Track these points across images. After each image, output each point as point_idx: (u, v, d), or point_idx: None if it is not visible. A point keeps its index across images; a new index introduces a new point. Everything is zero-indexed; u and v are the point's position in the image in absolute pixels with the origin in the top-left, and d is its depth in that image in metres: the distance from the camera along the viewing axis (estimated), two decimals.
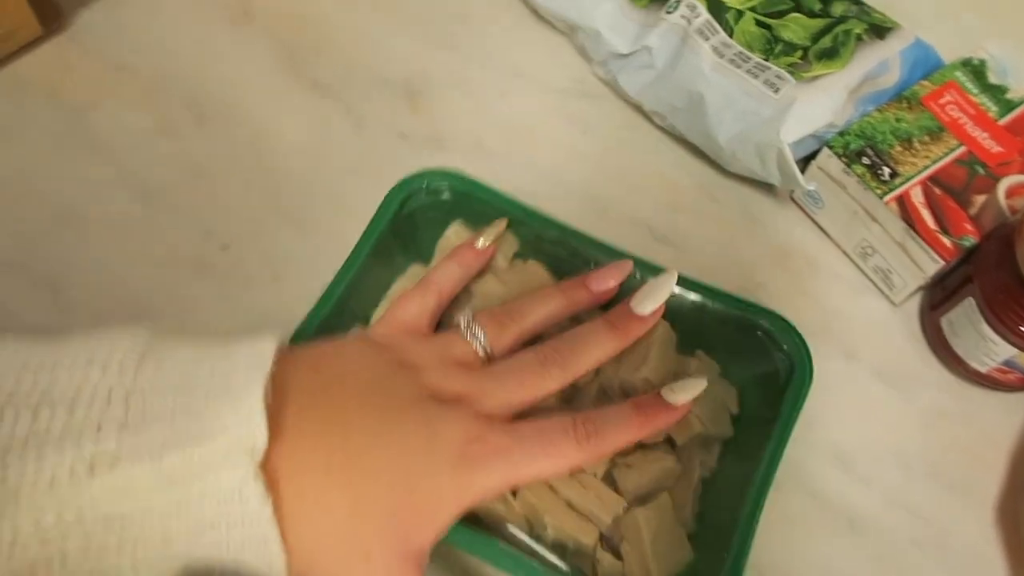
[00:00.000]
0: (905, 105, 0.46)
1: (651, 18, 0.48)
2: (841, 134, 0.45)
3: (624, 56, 0.49)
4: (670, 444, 0.39)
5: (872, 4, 0.50)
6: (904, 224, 0.43)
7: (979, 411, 0.45)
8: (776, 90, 0.44)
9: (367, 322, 0.41)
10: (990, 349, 0.42)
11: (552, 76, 0.55)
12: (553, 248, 0.42)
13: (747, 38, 0.46)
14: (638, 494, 0.37)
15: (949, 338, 0.44)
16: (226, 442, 0.22)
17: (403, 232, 0.43)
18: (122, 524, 0.21)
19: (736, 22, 0.46)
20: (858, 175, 0.44)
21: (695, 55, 0.46)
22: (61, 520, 0.20)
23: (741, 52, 0.45)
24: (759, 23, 0.46)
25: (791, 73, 0.44)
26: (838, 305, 0.47)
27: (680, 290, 0.40)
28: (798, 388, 0.38)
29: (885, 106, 0.46)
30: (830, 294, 0.48)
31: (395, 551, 0.27)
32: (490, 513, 0.35)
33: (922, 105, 0.46)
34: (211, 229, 0.48)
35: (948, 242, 0.42)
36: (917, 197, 0.44)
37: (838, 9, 0.47)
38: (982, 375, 0.44)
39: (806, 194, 0.48)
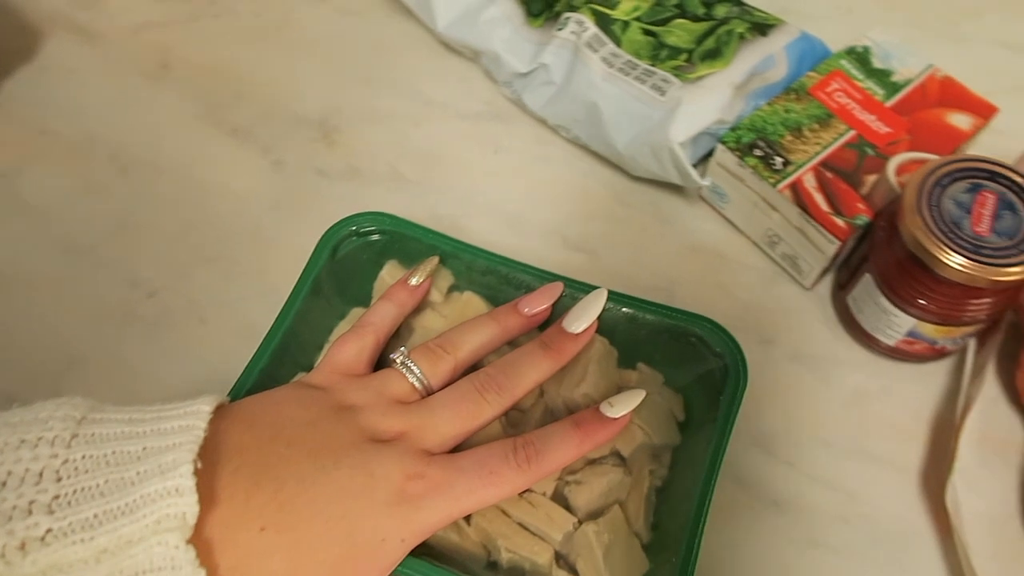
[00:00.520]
0: (793, 96, 0.47)
1: (545, 36, 0.49)
2: (733, 129, 0.45)
3: (524, 75, 0.50)
4: (618, 456, 0.39)
5: (767, 2, 0.51)
6: (799, 209, 0.43)
7: (895, 384, 0.45)
8: (663, 93, 0.44)
9: (310, 369, 0.40)
10: (892, 322, 0.42)
11: (463, 101, 0.55)
12: (485, 278, 0.42)
13: (635, 47, 0.46)
14: (590, 509, 0.36)
15: (856, 315, 0.44)
16: (156, 516, 0.23)
17: (338, 277, 0.42)
18: None
19: (623, 32, 0.47)
20: (752, 166, 0.45)
21: (587, 67, 0.46)
22: None
23: (629, 60, 0.46)
24: (645, 31, 0.47)
25: (676, 76, 0.45)
26: (752, 295, 0.48)
27: (613, 305, 0.40)
28: (733, 390, 0.38)
29: (774, 99, 0.47)
30: (744, 285, 0.48)
31: None
32: (444, 542, 0.35)
33: (810, 95, 0.47)
34: (138, 279, 0.48)
35: (842, 222, 0.43)
36: (810, 182, 0.44)
37: (720, 11, 0.48)
38: (892, 348, 0.44)
39: (710, 189, 0.48)
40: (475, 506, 0.31)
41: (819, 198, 0.43)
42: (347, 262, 0.43)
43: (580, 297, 0.39)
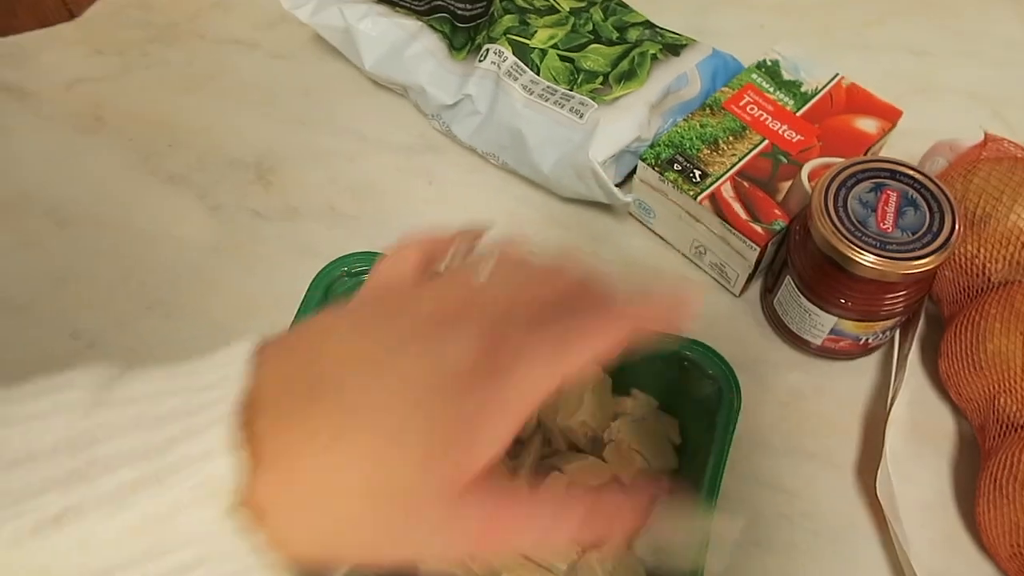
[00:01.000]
0: (708, 112, 0.47)
1: (468, 68, 0.49)
2: (652, 146, 0.46)
3: (451, 107, 0.50)
4: (619, 483, 0.38)
5: (684, 24, 0.52)
6: (720, 219, 0.44)
7: (827, 382, 0.46)
8: (581, 116, 0.45)
9: None
10: (815, 321, 0.42)
11: (396, 135, 0.55)
12: None
13: (553, 73, 0.47)
14: None
15: (783, 317, 0.45)
16: (190, 483, 0.19)
17: None
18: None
19: (541, 60, 0.47)
20: (672, 181, 0.45)
21: (508, 96, 0.47)
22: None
23: (548, 86, 0.46)
24: (562, 58, 0.47)
25: (593, 98, 0.45)
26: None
27: None
28: (727, 412, 0.37)
29: (690, 115, 0.47)
30: None
31: (436, 497, 0.21)
32: None
33: (724, 109, 0.48)
34: (78, 330, 0.47)
35: (760, 229, 0.43)
36: (728, 192, 0.45)
37: (633, 35, 0.49)
38: (820, 348, 0.44)
39: (637, 206, 0.49)
40: (574, 372, 0.24)
41: (737, 207, 0.44)
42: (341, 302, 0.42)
43: None
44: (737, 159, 0.46)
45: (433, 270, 0.28)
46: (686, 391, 0.40)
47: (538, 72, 0.47)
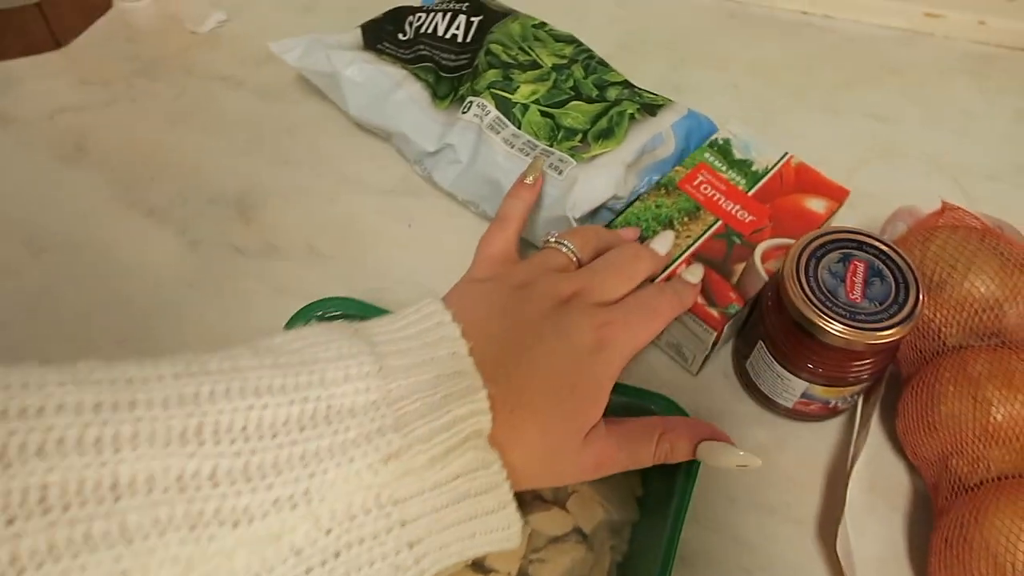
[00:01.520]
0: (663, 191, 0.46)
1: (451, 118, 0.50)
2: (608, 225, 0.45)
3: (433, 154, 0.50)
4: (580, 534, 0.38)
5: (660, 79, 0.53)
6: None
7: (794, 441, 0.46)
8: (560, 172, 0.45)
9: None
10: (787, 385, 0.43)
11: (377, 178, 0.55)
12: None
13: (534, 128, 0.47)
14: None
15: (755, 380, 0.45)
16: (466, 432, 0.27)
17: None
18: (404, 505, 0.26)
19: (523, 115, 0.48)
20: None
21: (489, 148, 0.47)
22: (365, 505, 0.24)
23: (529, 141, 0.47)
24: (543, 113, 0.48)
25: (572, 155, 0.46)
26: (654, 367, 0.48)
27: None
28: (687, 472, 0.37)
29: (645, 195, 0.46)
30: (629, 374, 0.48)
31: (575, 442, 0.31)
32: None
33: (679, 189, 0.47)
34: (46, 361, 0.46)
35: (716, 312, 0.43)
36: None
37: (612, 94, 0.49)
38: (791, 410, 0.45)
39: None
40: (647, 338, 0.35)
41: None
42: None
43: None
44: (692, 240, 0.45)
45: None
46: None
47: (519, 126, 0.48)
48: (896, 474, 0.45)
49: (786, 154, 0.50)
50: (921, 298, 0.39)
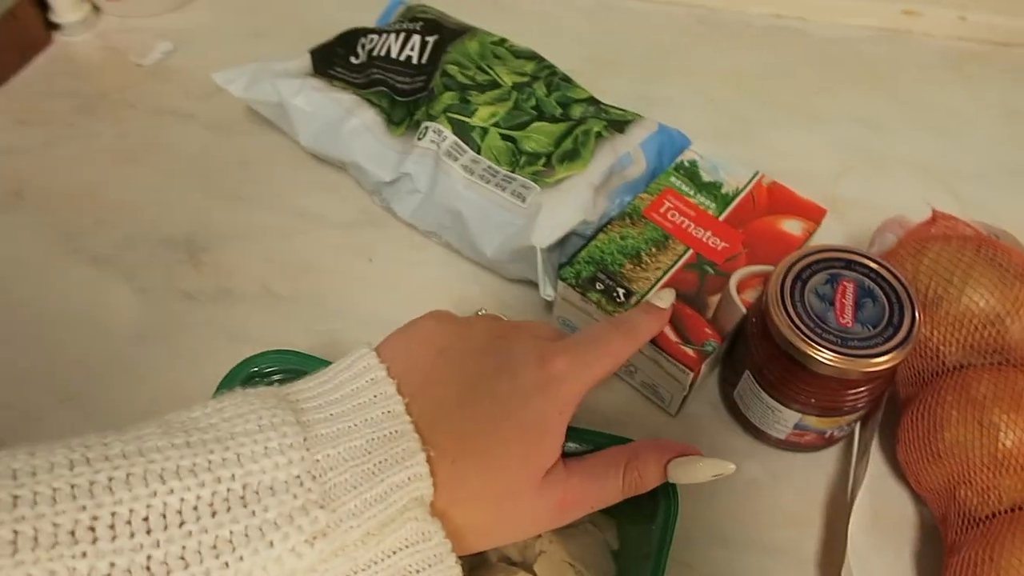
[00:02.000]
0: (628, 221, 0.43)
1: (408, 145, 0.47)
2: (571, 263, 0.42)
3: (390, 184, 0.48)
4: None
5: (631, 92, 0.50)
6: (648, 342, 0.40)
7: (789, 474, 0.43)
8: (523, 200, 0.42)
9: None
10: (778, 417, 0.40)
11: (336, 211, 0.52)
12: None
13: (494, 152, 0.44)
14: None
15: (744, 411, 0.42)
16: (404, 501, 0.25)
17: None
18: None
19: (482, 139, 0.45)
20: (595, 302, 0.41)
21: (448, 176, 0.44)
22: None
23: (489, 167, 0.44)
24: (504, 137, 0.45)
25: (536, 180, 0.43)
26: (630, 410, 0.45)
27: None
28: (665, 516, 0.34)
29: (610, 226, 0.43)
30: (601, 419, 0.45)
31: (531, 488, 0.28)
32: None
33: (644, 217, 0.44)
34: None
35: (691, 351, 0.40)
36: None
37: (576, 111, 0.47)
38: (783, 441, 0.42)
39: (561, 323, 0.45)
40: (601, 373, 0.31)
41: (666, 328, 0.40)
42: None
43: None
44: (662, 273, 0.42)
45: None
46: None
47: (479, 151, 0.45)
48: (900, 505, 0.42)
49: (757, 173, 0.46)
50: (917, 317, 0.36)
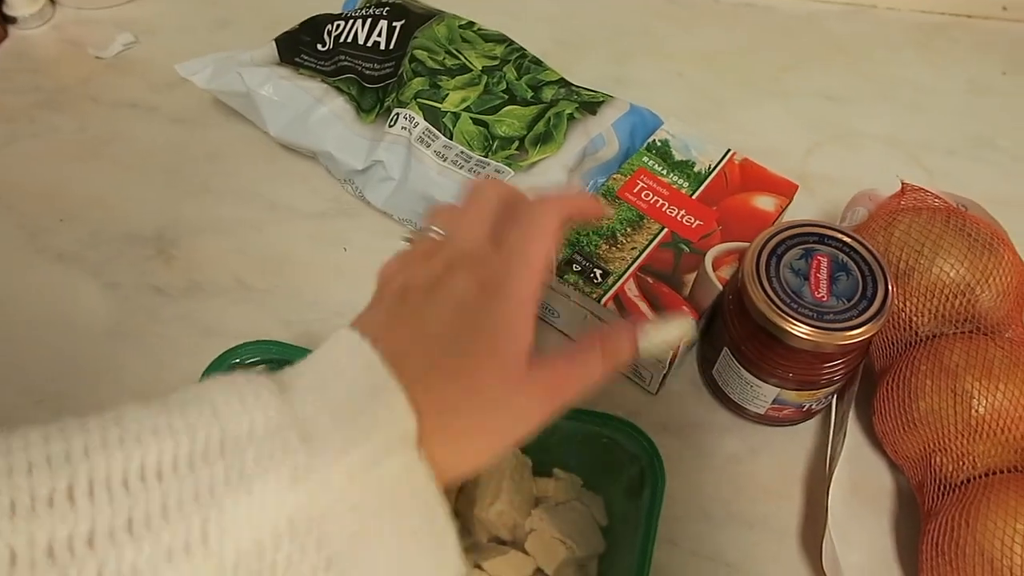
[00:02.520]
0: (603, 202, 0.44)
1: (379, 133, 0.47)
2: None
3: (362, 172, 0.47)
4: (542, 575, 0.35)
5: (601, 74, 0.50)
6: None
7: (768, 448, 0.43)
8: None
9: None
10: (757, 392, 0.41)
11: (308, 201, 0.52)
12: None
13: (466, 137, 0.44)
14: None
15: (723, 387, 0.43)
16: (385, 437, 0.24)
17: None
18: (321, 522, 0.23)
19: (454, 124, 0.45)
20: (573, 283, 0.41)
21: (420, 163, 0.44)
22: (275, 532, 0.22)
23: (462, 152, 0.44)
24: (476, 121, 0.45)
25: (509, 164, 0.43)
26: (612, 389, 0.45)
27: None
28: (652, 491, 0.34)
29: None
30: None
31: (510, 378, 0.28)
32: None
33: (618, 198, 0.44)
34: None
35: None
36: (632, 291, 0.41)
37: (548, 94, 0.47)
38: (763, 416, 0.43)
39: (542, 307, 0.45)
40: (540, 249, 0.30)
41: (644, 307, 0.41)
42: None
43: None
44: (638, 252, 0.42)
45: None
46: (610, 468, 0.37)
47: (451, 137, 0.45)
48: (878, 474, 0.43)
49: (728, 151, 0.47)
50: (890, 289, 0.37)
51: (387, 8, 0.51)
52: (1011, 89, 0.60)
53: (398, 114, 0.45)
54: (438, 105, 0.46)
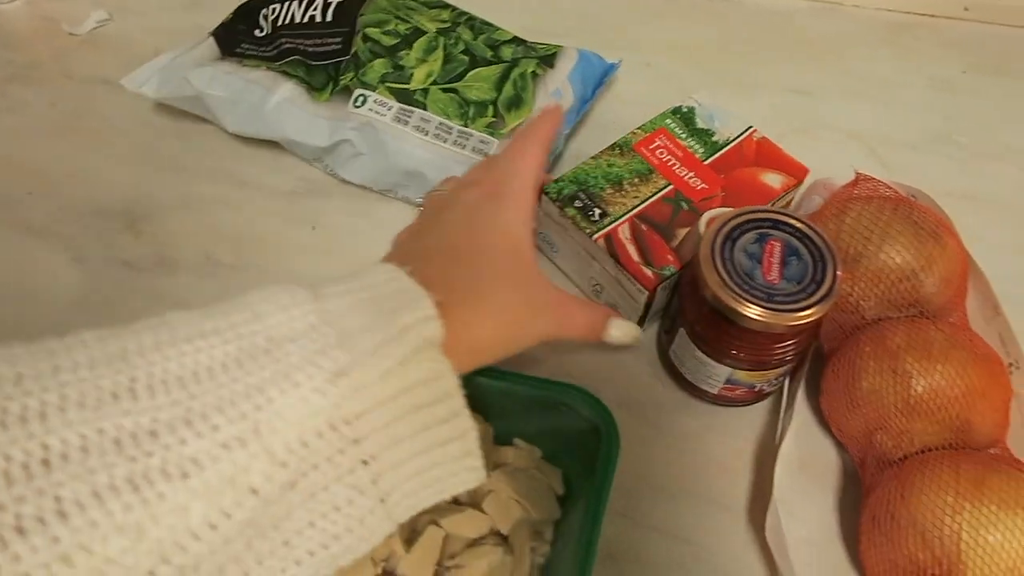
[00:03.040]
0: (618, 152, 0.47)
1: (338, 111, 0.47)
2: (557, 180, 0.45)
3: (329, 150, 0.48)
4: (499, 536, 0.36)
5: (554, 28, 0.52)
6: (612, 259, 0.43)
7: (721, 427, 0.45)
8: (484, 154, 0.44)
9: None
10: (710, 372, 0.42)
11: (278, 180, 0.53)
12: None
13: (441, 106, 0.46)
14: None
15: (679, 367, 0.44)
16: (417, 341, 0.26)
17: None
18: (358, 417, 0.24)
19: (426, 98, 0.46)
20: (571, 217, 0.44)
21: (400, 140, 0.45)
22: (318, 426, 0.23)
23: (441, 123, 0.45)
24: (445, 90, 0.46)
25: (491, 134, 0.44)
26: (579, 345, 0.47)
27: (484, 380, 0.38)
28: (606, 456, 0.36)
29: (599, 153, 0.46)
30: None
31: (524, 265, 0.35)
32: None
33: (633, 151, 0.47)
34: None
35: (650, 272, 0.43)
36: (624, 233, 0.44)
37: (507, 52, 0.48)
38: (716, 396, 0.44)
39: (542, 239, 0.48)
40: (535, 161, 0.38)
41: (631, 249, 0.43)
42: None
43: None
44: (639, 201, 0.45)
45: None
46: (568, 440, 0.39)
47: (426, 109, 0.46)
48: (825, 452, 0.45)
49: (750, 128, 0.49)
50: (838, 274, 0.38)
51: None
52: (971, 87, 0.62)
53: (366, 96, 0.46)
54: (406, 86, 0.47)
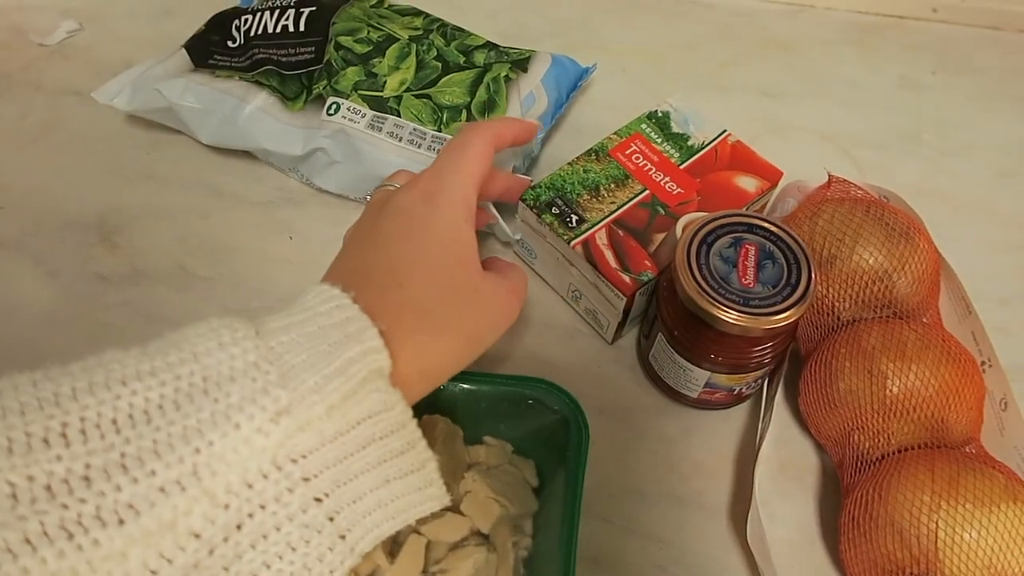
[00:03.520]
0: (594, 157, 0.47)
1: (311, 120, 0.47)
2: (533, 187, 0.45)
3: (303, 159, 0.48)
4: (480, 535, 0.37)
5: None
6: (591, 265, 0.43)
7: (701, 430, 0.45)
8: None
9: None
10: (689, 376, 0.42)
11: (254, 190, 0.52)
12: None
13: (414, 112, 0.46)
14: None
15: (659, 372, 0.44)
16: (363, 373, 0.26)
17: None
18: (305, 455, 0.24)
19: (399, 104, 0.46)
20: (549, 223, 0.44)
21: (374, 147, 0.45)
22: (262, 466, 0.23)
23: (415, 129, 0.45)
24: (418, 96, 0.46)
25: None
26: (555, 352, 0.47)
27: (451, 385, 0.38)
28: (576, 446, 0.36)
29: (576, 159, 0.47)
30: (548, 342, 0.47)
31: (470, 269, 0.33)
32: None
33: (609, 156, 0.47)
34: None
35: (628, 278, 0.43)
36: (601, 239, 0.44)
37: (479, 58, 0.48)
38: (696, 400, 0.44)
39: (520, 246, 0.48)
40: (474, 169, 0.35)
41: (609, 255, 0.43)
42: None
43: None
44: (616, 207, 0.45)
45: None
46: (538, 432, 0.39)
47: (399, 116, 0.46)
48: (804, 453, 0.45)
49: (724, 131, 0.50)
50: (813, 276, 0.39)
51: None
52: (939, 87, 0.63)
53: (339, 103, 0.46)
54: (380, 94, 0.47)
